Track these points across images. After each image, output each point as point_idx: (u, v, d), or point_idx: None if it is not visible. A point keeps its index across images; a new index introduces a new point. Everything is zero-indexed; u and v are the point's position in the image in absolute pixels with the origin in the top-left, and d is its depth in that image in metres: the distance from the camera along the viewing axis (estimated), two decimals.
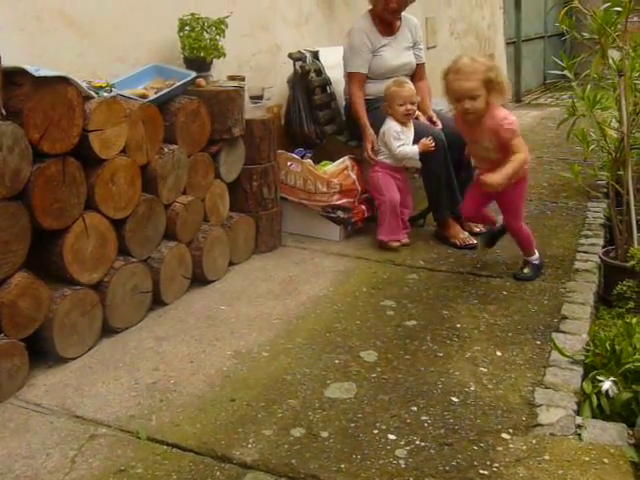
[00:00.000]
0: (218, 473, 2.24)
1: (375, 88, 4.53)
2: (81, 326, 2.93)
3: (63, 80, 2.80)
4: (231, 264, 3.89)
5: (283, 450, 2.33)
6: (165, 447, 2.37)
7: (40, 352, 2.86)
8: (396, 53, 4.58)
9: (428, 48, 7.41)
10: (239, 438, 2.40)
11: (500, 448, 2.31)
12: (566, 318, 3.18)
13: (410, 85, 4.18)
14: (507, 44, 10.27)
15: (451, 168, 4.23)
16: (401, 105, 4.11)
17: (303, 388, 2.69)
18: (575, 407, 2.51)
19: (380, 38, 4.53)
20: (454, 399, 2.59)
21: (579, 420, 2.44)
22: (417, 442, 2.35)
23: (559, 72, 3.91)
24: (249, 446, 2.36)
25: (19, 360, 2.69)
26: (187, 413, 2.55)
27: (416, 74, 4.71)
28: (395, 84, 4.17)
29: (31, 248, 2.73)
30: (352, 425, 2.45)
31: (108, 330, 3.11)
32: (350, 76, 4.56)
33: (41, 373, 2.83)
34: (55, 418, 2.54)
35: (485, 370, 2.79)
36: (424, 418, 2.48)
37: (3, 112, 2.60)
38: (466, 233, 4.27)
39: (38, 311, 2.75)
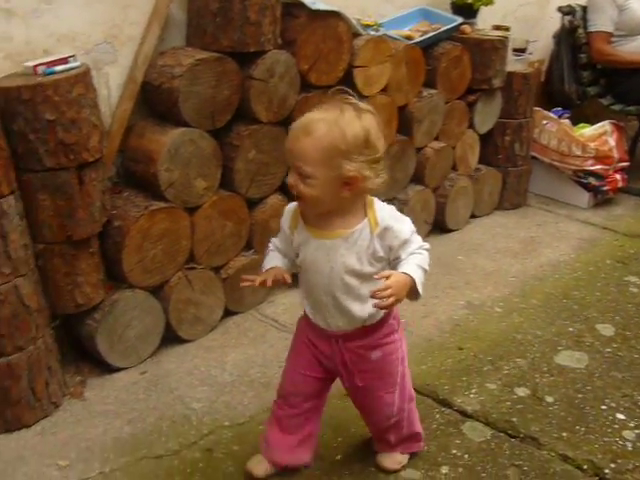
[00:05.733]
0: (438, 416, 2.27)
1: (628, 48, 4.23)
2: None
3: (336, 15, 2.87)
4: (472, 216, 3.87)
5: (505, 407, 2.31)
6: None
7: None
8: None
9: None
10: (462, 387, 2.42)
11: None
12: None
13: (309, 136, 1.64)
14: None
15: None
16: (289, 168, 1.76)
17: (533, 350, 2.64)
18: None
19: None
20: None
21: None
22: None
23: None
24: (471, 396, 2.36)
25: None
26: (414, 353, 2.58)
27: None
28: (290, 131, 1.72)
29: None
30: (579, 396, 2.38)
31: None
32: (591, 37, 4.29)
33: (281, 292, 3.00)
34: (289, 335, 2.67)
35: None
36: None
37: (279, 41, 2.72)
38: None
39: None
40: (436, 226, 3.65)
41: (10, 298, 2.12)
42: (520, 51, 4.19)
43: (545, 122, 4.17)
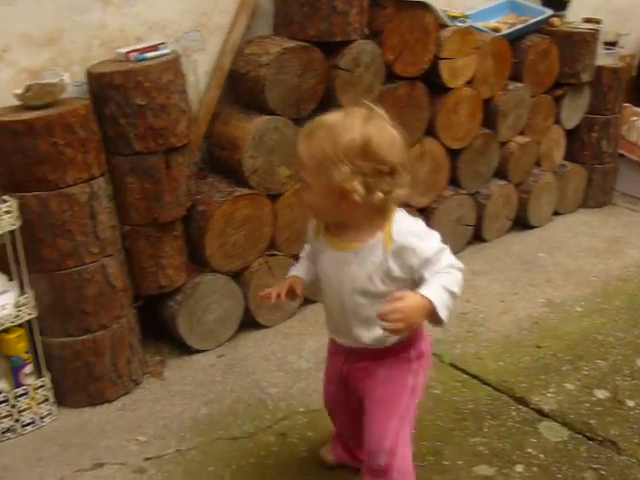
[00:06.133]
0: (514, 413, 2.24)
1: None
2: None
3: (423, 6, 2.85)
4: (555, 214, 3.80)
5: (583, 408, 2.27)
6: (465, 376, 2.42)
7: None
8: None
9: None
10: (539, 385, 2.38)
11: None
12: None
13: (307, 140, 1.50)
14: None
15: None
16: None
17: (614, 352, 2.58)
18: None
19: None
20: None
21: None
22: None
23: None
24: (548, 395, 2.32)
25: None
26: (491, 349, 2.57)
27: None
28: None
29: None
30: None
31: None
32: None
33: None
34: None
35: None
36: None
37: (366, 31, 2.72)
38: None
39: None
40: (518, 222, 3.60)
41: (97, 277, 2.19)
42: (611, 45, 4.07)
43: (635, 119, 4.04)
